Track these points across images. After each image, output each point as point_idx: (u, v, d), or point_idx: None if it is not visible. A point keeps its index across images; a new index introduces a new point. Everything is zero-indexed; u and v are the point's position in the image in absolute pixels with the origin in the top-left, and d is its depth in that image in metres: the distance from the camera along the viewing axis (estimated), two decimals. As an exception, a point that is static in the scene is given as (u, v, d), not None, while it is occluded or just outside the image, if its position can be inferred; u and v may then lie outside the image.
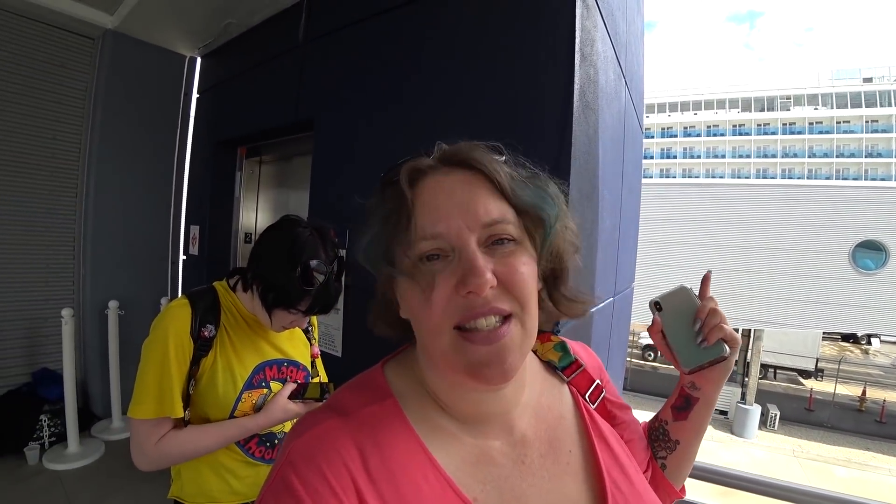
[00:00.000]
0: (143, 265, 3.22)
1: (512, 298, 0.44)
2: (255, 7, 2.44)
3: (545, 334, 0.64)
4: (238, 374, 1.03)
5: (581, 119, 1.40)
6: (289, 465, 0.42)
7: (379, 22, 1.85)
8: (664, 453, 0.69)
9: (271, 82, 2.42)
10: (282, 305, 0.99)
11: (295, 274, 0.95)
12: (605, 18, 1.67)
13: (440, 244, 0.45)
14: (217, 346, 1.02)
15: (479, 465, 0.48)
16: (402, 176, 0.48)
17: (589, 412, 0.58)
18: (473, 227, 0.45)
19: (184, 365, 0.97)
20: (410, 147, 0.51)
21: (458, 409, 0.50)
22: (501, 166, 0.48)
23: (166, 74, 3.22)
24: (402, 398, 0.50)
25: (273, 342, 1.12)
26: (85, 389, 3.06)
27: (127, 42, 2.97)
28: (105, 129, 2.97)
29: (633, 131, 2.56)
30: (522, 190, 0.48)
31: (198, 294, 1.04)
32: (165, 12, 2.69)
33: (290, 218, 1.05)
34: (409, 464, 0.44)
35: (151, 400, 0.93)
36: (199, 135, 3.18)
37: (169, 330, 0.95)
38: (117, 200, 3.07)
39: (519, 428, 0.52)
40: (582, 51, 1.39)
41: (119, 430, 2.89)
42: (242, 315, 1.07)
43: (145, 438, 0.95)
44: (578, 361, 0.62)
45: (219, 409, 1.02)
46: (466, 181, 0.47)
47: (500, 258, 0.45)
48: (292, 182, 2.85)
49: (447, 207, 0.46)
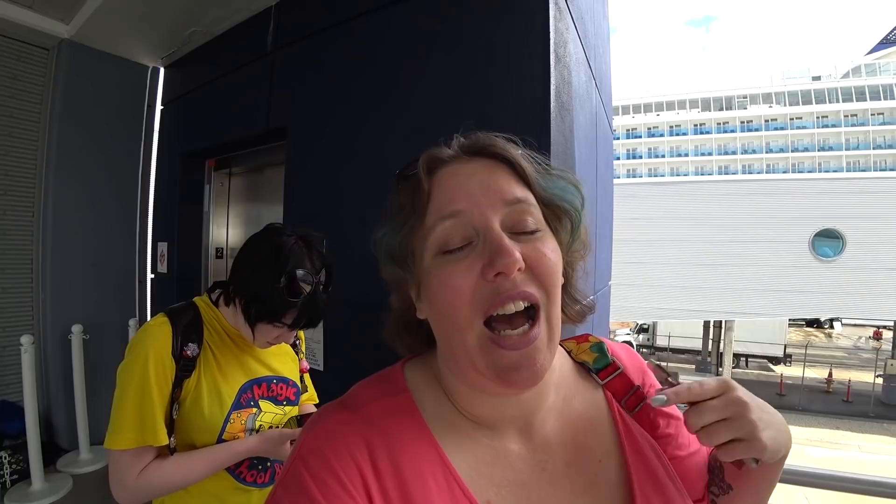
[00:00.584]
0: (108, 286, 3.07)
1: (539, 285, 0.43)
2: (221, 15, 2.37)
3: (583, 335, 0.61)
4: (225, 395, 0.97)
5: (558, 119, 1.41)
6: (300, 460, 0.42)
7: (351, 27, 1.82)
8: (716, 490, 0.58)
9: (240, 91, 2.36)
10: (266, 319, 0.93)
11: (279, 285, 0.90)
12: (576, 21, 1.69)
13: (461, 226, 0.43)
14: (201, 365, 0.95)
15: (495, 466, 0.46)
16: (421, 164, 0.47)
17: (624, 420, 0.53)
18: (496, 205, 0.43)
19: (165, 388, 0.90)
20: (386, 153, 0.49)
21: (476, 413, 0.48)
22: (523, 155, 0.47)
23: (128, 85, 3.09)
24: (417, 393, 0.49)
25: (260, 358, 1.06)
26: (49, 421, 2.88)
27: (84, 52, 2.84)
28: (62, 144, 2.82)
29: (604, 132, 2.61)
30: (545, 179, 0.47)
31: (178, 311, 0.97)
32: (125, 21, 2.58)
33: (274, 226, 1.00)
34: (418, 460, 0.43)
35: (131, 428, 0.86)
36: (164, 148, 3.07)
37: (149, 351, 0.89)
38: (78, 218, 2.92)
39: (541, 433, 0.49)
40: (556, 52, 1.40)
41: (88, 463, 2.73)
42: (226, 331, 1.01)
43: (126, 470, 0.87)
44: (615, 364, 0.57)
45: (206, 433, 0.95)
46: (488, 167, 0.46)
47: (527, 243, 0.43)
48: (265, 194, 2.78)
49: (467, 187, 0.44)
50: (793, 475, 1.40)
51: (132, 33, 2.73)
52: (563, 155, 1.46)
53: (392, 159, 1.72)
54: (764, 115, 35.27)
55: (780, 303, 11.77)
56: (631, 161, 38.86)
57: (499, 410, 0.48)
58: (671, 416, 0.57)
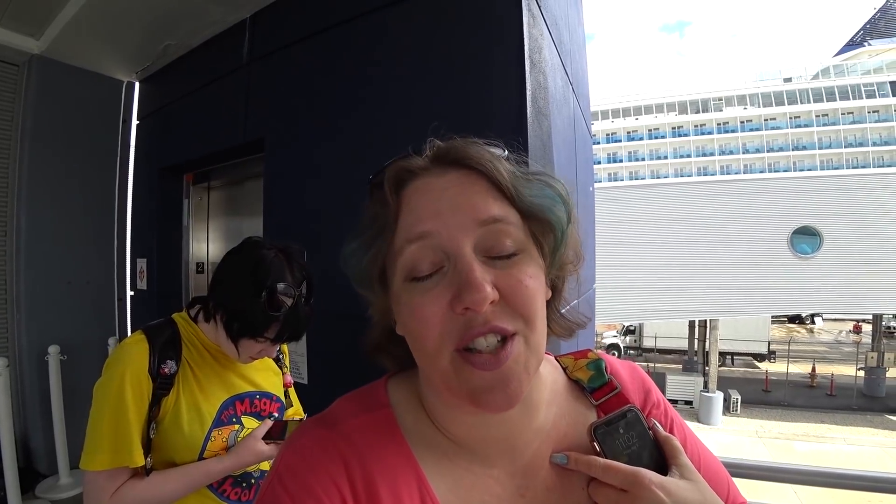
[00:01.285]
0: (86, 304, 2.99)
1: (515, 315, 0.39)
2: (196, 27, 2.35)
3: (583, 350, 0.57)
4: (205, 412, 0.95)
5: (535, 124, 1.42)
6: (277, 478, 0.41)
7: (326, 37, 1.82)
8: None
9: (216, 104, 2.34)
10: (248, 334, 0.92)
11: (260, 299, 0.89)
12: (550, 27, 1.72)
13: (430, 250, 0.40)
14: (179, 382, 0.94)
15: (473, 490, 0.44)
16: (388, 178, 0.44)
17: None
18: (468, 227, 0.39)
19: (142, 407, 0.88)
20: (365, 161, 0.48)
21: (456, 433, 0.46)
22: (502, 163, 0.43)
23: (102, 101, 3.04)
24: (399, 410, 0.47)
25: (242, 374, 1.05)
26: (26, 446, 2.78)
27: (56, 67, 2.79)
28: (35, 161, 2.76)
29: (583, 136, 2.64)
30: (527, 189, 0.42)
31: (155, 328, 0.96)
32: (97, 36, 2.54)
33: (253, 240, 0.99)
34: (395, 480, 0.42)
35: (106, 448, 0.85)
36: (141, 163, 3.02)
37: (126, 369, 0.87)
38: (53, 236, 2.85)
39: (524, 456, 0.46)
40: (531, 57, 1.41)
41: (68, 488, 2.64)
42: (206, 347, 1.00)
43: (100, 492, 0.86)
44: (612, 383, 0.52)
45: (186, 452, 0.93)
46: (462, 181, 0.42)
47: (503, 269, 0.39)
48: (244, 207, 2.75)
49: (436, 206, 0.40)
50: (781, 473, 1.41)
51: (105, 48, 2.69)
52: (541, 160, 1.48)
53: (370, 167, 1.70)
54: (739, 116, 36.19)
55: (762, 300, 12.01)
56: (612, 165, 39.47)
57: (480, 431, 0.45)
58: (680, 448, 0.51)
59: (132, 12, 2.28)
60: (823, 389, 15.74)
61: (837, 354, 21.07)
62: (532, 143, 1.37)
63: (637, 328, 21.41)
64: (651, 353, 19.47)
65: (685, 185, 13.82)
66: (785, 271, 11.75)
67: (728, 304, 12.17)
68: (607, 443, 0.46)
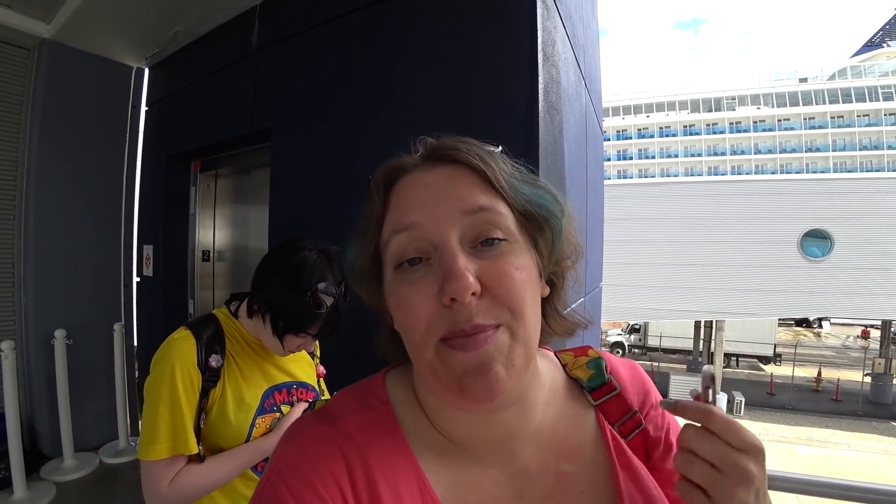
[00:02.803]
0: (92, 290, 3.01)
1: (500, 307, 0.38)
2: (205, 14, 2.34)
3: (584, 347, 0.56)
4: (249, 401, 1.02)
5: (546, 119, 1.40)
6: (277, 473, 0.41)
7: (337, 26, 1.80)
8: None
9: (225, 92, 2.33)
10: (292, 331, 0.98)
11: (304, 298, 0.95)
12: (564, 20, 1.68)
13: (416, 240, 0.40)
14: (225, 375, 1.00)
15: (471, 490, 0.44)
16: (378, 176, 0.44)
17: (618, 445, 0.48)
18: (453, 217, 0.39)
19: (193, 399, 0.94)
20: (373, 153, 0.47)
21: (451, 431, 0.45)
22: (493, 159, 0.43)
23: (111, 86, 3.04)
24: (398, 408, 0.47)
25: (280, 365, 1.11)
26: (32, 428, 2.82)
27: (66, 52, 2.79)
28: (44, 146, 2.77)
29: (594, 132, 2.60)
30: (521, 186, 0.43)
31: (199, 324, 1.02)
32: (107, 21, 2.54)
33: (294, 240, 1.04)
34: (395, 477, 0.41)
35: (165, 439, 0.91)
36: (148, 149, 3.02)
37: (175, 364, 0.93)
38: (61, 221, 2.87)
39: (521, 459, 0.45)
40: (544, 51, 1.38)
41: (72, 470, 2.68)
42: (247, 341, 1.06)
43: (160, 479, 0.91)
44: (612, 383, 0.51)
45: (233, 439, 1.00)
46: (450, 175, 0.42)
47: (489, 259, 0.39)
48: (251, 196, 2.75)
49: (423, 198, 0.41)
50: (785, 482, 1.37)
51: (115, 33, 2.69)
52: (552, 155, 1.45)
53: (377, 159, 1.69)
54: (752, 116, 35.68)
55: (769, 302, 11.89)
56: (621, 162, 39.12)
57: (475, 430, 0.44)
58: (670, 449, 0.51)
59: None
60: (829, 394, 15.63)
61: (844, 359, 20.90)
62: (543, 138, 1.35)
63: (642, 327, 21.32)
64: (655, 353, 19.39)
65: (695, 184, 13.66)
66: (794, 274, 11.63)
67: (735, 306, 12.08)
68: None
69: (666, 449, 0.50)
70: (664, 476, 0.49)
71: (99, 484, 2.63)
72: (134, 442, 2.97)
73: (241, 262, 2.84)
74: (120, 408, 2.98)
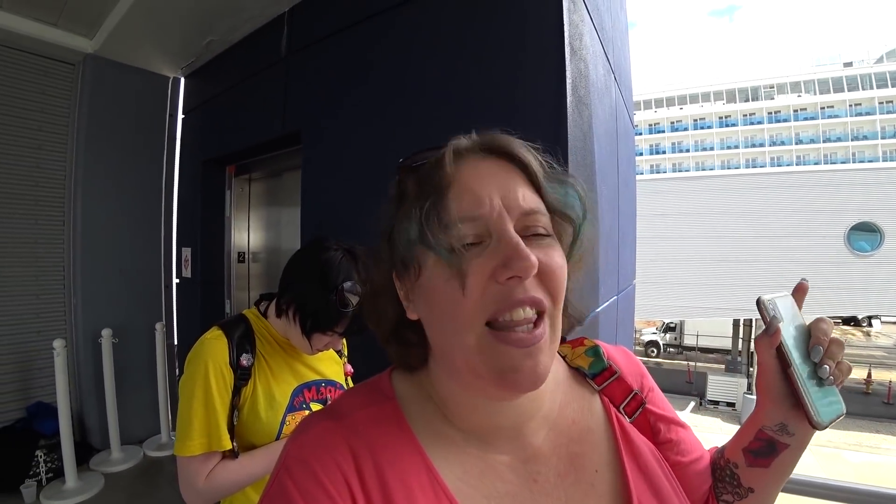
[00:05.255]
0: (135, 291, 3.15)
1: (547, 292, 0.41)
2: (236, 23, 2.41)
3: (578, 339, 0.59)
4: (279, 399, 1.04)
5: (575, 114, 1.37)
6: (285, 470, 0.42)
7: (363, 28, 1.82)
8: (730, 497, 0.55)
9: (256, 97, 2.39)
10: (320, 329, 1.00)
11: (331, 297, 0.97)
12: (591, 12, 1.65)
13: (479, 228, 0.41)
14: (255, 373, 1.02)
15: (484, 478, 0.44)
16: (447, 153, 0.45)
17: (622, 426, 0.52)
18: (513, 211, 0.42)
19: (226, 396, 0.97)
20: (401, 153, 0.47)
21: (466, 420, 0.46)
22: (536, 158, 0.46)
23: (150, 96, 3.18)
24: (404, 401, 0.48)
25: (308, 364, 1.13)
26: (81, 421, 2.98)
27: (108, 66, 2.93)
28: (89, 155, 2.92)
29: (625, 126, 2.54)
30: (552, 185, 0.46)
31: (230, 324, 1.04)
32: (145, 34, 2.65)
33: (320, 240, 1.06)
34: (404, 470, 0.42)
35: (200, 435, 0.93)
36: (186, 155, 3.14)
37: (208, 363, 0.96)
38: (106, 226, 3.01)
39: (533, 443, 0.47)
40: (571, 45, 1.36)
41: (119, 462, 2.81)
42: (276, 340, 1.08)
43: (196, 475, 0.94)
44: (612, 368, 0.55)
45: (264, 436, 1.02)
46: (504, 168, 0.45)
47: (540, 248, 0.41)
48: (283, 198, 2.81)
49: (489, 189, 0.43)
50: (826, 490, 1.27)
51: (152, 45, 2.80)
52: (581, 151, 1.43)
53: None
54: (793, 104, 34.03)
55: (814, 300, 11.28)
56: (654, 157, 38.04)
57: (491, 419, 0.46)
58: (672, 422, 0.56)
59: (177, 10, 2.37)
60: (880, 397, 14.77)
61: (897, 360, 19.73)
62: (572, 134, 1.32)
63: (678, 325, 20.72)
64: (692, 352, 18.82)
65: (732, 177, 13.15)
66: (841, 270, 11.01)
67: (776, 304, 11.55)
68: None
69: (668, 423, 0.55)
70: (671, 447, 0.54)
71: (143, 475, 2.75)
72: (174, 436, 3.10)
73: (274, 262, 2.92)
74: (162, 403, 3.11)
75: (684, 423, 0.57)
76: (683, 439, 0.56)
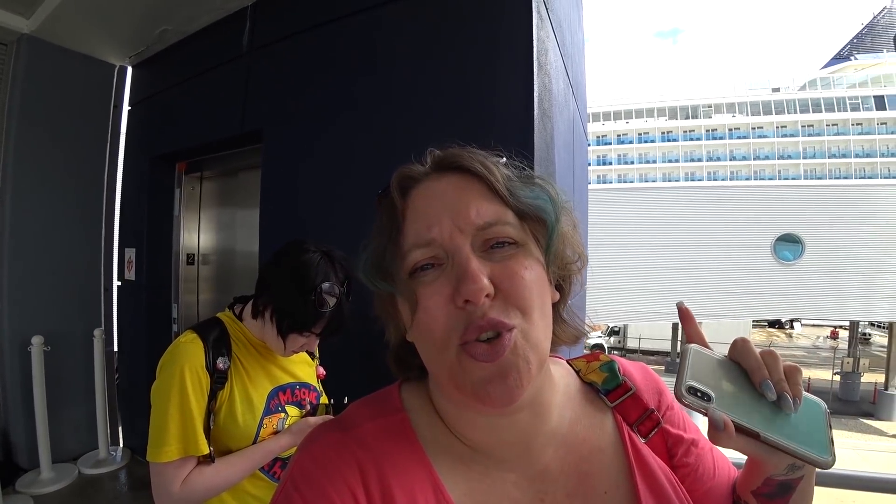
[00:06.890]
0: (71, 294, 2.92)
1: (512, 308, 0.39)
2: (194, 14, 2.31)
3: (594, 353, 0.58)
4: (255, 402, 1.03)
5: (540, 126, 1.42)
6: (291, 482, 0.41)
7: (331, 30, 1.80)
8: None
9: (213, 93, 2.30)
10: (297, 330, 1.00)
11: (309, 298, 0.97)
12: (555, 29, 1.72)
13: (434, 251, 0.41)
14: (232, 376, 1.01)
15: (490, 495, 0.44)
16: (393, 185, 0.46)
17: (635, 446, 0.49)
18: (466, 229, 0.41)
19: (202, 401, 0.95)
20: (367, 156, 0.48)
21: (469, 436, 0.46)
22: (497, 167, 0.45)
23: (93, 84, 2.96)
24: (413, 414, 0.47)
25: (283, 366, 1.13)
26: (6, 439, 2.71)
27: (46, 48, 2.71)
28: (22, 145, 2.68)
29: (580, 139, 2.65)
30: (520, 190, 0.44)
31: (205, 326, 1.03)
32: (90, 17, 2.48)
33: (298, 242, 1.05)
34: (410, 484, 0.41)
35: (176, 440, 0.91)
36: (131, 150, 2.95)
37: (184, 366, 0.94)
38: (38, 223, 2.77)
39: (541, 460, 0.46)
40: (538, 59, 1.41)
41: (49, 482, 2.58)
42: (252, 343, 1.07)
43: (171, 481, 0.92)
44: (627, 384, 0.52)
45: (241, 440, 1.01)
46: (458, 184, 0.44)
47: (499, 262, 0.41)
48: (238, 198, 2.71)
49: (438, 211, 0.42)
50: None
51: (98, 30, 2.62)
52: (545, 161, 1.48)
53: (370, 163, 1.71)
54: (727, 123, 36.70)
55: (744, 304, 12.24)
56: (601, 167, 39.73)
57: (494, 434, 0.45)
58: (691, 444, 0.52)
59: (128, -5, 2.24)
60: (800, 394, 16.10)
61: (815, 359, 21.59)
62: (537, 145, 1.37)
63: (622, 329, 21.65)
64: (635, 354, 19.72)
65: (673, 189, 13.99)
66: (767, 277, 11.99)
67: (711, 308, 12.38)
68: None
69: (687, 446, 0.52)
70: (688, 472, 0.51)
71: (78, 496, 2.54)
72: (114, 451, 2.88)
73: (226, 265, 2.80)
74: (100, 416, 2.89)
75: (707, 444, 0.54)
76: (703, 463, 0.52)
